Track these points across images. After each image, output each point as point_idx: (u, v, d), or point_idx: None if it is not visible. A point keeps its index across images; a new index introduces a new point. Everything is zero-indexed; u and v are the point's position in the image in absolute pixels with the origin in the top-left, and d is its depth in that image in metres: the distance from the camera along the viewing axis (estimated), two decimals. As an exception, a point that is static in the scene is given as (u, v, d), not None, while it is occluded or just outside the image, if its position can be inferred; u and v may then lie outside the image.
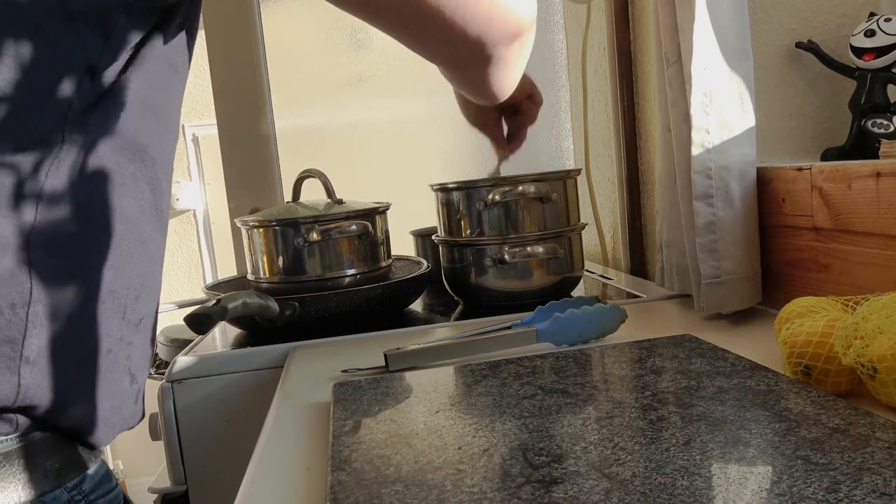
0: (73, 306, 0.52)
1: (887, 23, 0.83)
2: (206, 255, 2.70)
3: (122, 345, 0.57)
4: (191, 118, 2.66)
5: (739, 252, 0.82)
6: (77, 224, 0.53)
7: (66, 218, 0.52)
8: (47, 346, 0.51)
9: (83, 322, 0.53)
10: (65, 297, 0.52)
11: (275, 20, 1.46)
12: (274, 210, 1.02)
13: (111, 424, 0.57)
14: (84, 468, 0.56)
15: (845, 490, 0.37)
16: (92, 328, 0.54)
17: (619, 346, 0.69)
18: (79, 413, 0.54)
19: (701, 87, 0.81)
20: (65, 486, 0.54)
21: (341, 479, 0.45)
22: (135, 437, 0.87)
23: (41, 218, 0.51)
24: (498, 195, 0.96)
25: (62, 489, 0.54)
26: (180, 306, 1.26)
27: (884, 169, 0.67)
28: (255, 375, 0.88)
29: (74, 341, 0.53)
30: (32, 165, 0.50)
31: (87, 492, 0.56)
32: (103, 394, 0.56)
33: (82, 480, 0.56)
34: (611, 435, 0.48)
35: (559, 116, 1.57)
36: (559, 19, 1.57)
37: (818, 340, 0.55)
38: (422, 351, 0.72)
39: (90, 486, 0.56)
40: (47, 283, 0.51)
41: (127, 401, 0.59)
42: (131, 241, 0.57)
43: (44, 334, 0.51)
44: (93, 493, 0.56)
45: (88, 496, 0.56)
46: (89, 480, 0.57)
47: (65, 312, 0.52)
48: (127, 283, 0.57)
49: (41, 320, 0.51)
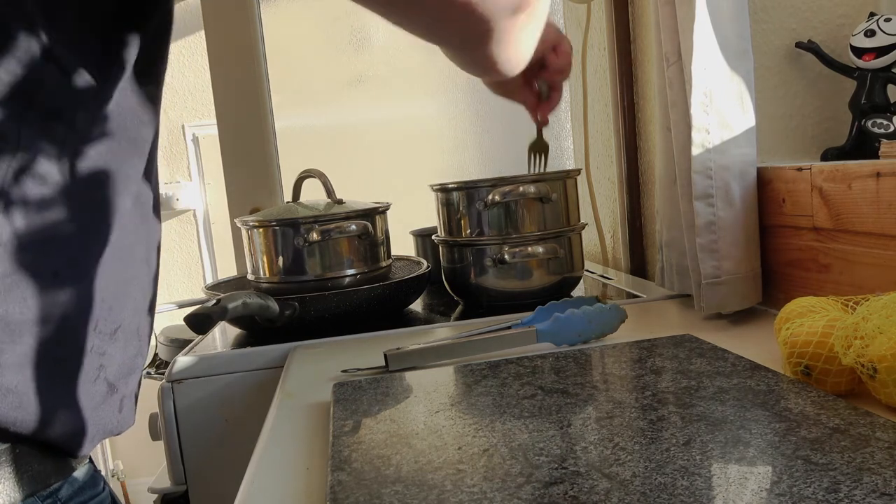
0: (38, 318, 0.50)
1: (887, 23, 0.83)
2: (206, 255, 2.70)
3: (93, 356, 0.55)
4: (191, 118, 2.66)
5: (739, 252, 0.82)
6: (43, 232, 0.50)
7: (31, 226, 0.49)
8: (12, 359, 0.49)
9: (50, 334, 0.51)
10: (29, 309, 0.50)
11: (275, 20, 1.46)
12: (274, 210, 1.02)
13: (90, 434, 0.55)
14: (63, 475, 0.54)
15: (845, 490, 0.37)
16: (59, 339, 0.52)
17: (619, 346, 0.69)
18: (52, 427, 0.52)
19: (701, 87, 0.81)
20: (39, 495, 0.52)
21: (341, 479, 0.45)
22: (135, 437, 0.87)
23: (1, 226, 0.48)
24: (498, 195, 0.96)
25: (35, 497, 0.52)
26: (180, 306, 1.26)
27: (884, 169, 0.67)
28: (255, 375, 0.88)
29: (40, 353, 0.51)
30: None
31: (64, 499, 0.54)
32: (77, 405, 0.54)
33: (59, 487, 0.54)
34: (611, 435, 0.48)
35: (559, 116, 1.57)
36: (559, 19, 1.58)
37: (818, 340, 0.55)
38: (422, 351, 0.72)
39: (69, 493, 0.54)
40: (10, 295, 0.49)
41: (107, 410, 0.57)
42: (107, 248, 0.54)
43: (9, 347, 0.49)
44: (71, 499, 0.54)
45: (66, 503, 0.54)
46: (68, 487, 0.54)
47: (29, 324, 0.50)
48: (100, 293, 0.54)
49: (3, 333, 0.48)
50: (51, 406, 0.52)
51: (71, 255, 0.52)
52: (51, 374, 0.52)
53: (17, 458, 0.51)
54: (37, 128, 0.50)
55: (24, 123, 0.49)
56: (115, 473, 2.60)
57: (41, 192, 0.50)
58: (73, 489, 0.55)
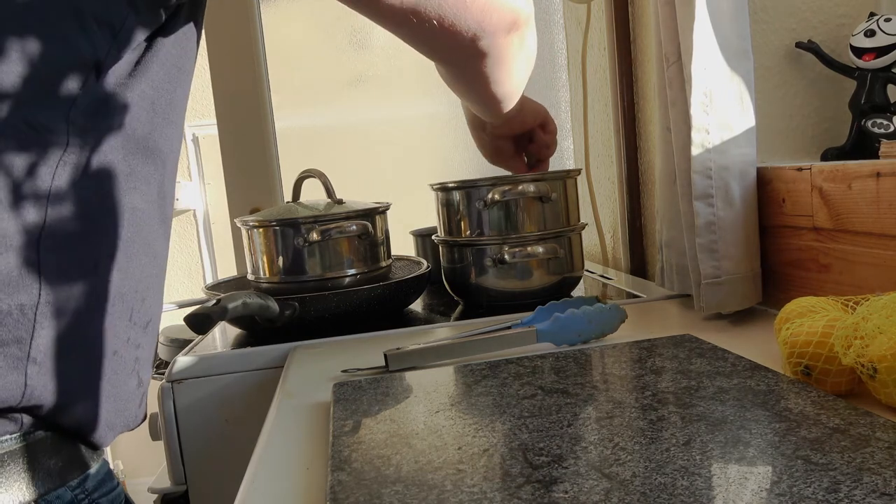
0: (81, 308, 0.52)
1: (887, 23, 0.83)
2: (206, 255, 2.70)
3: (130, 347, 0.57)
4: (191, 118, 2.65)
5: (739, 252, 0.82)
6: (86, 225, 0.52)
7: (76, 218, 0.52)
8: (54, 347, 0.51)
9: (91, 323, 0.53)
10: (73, 299, 0.52)
11: (275, 20, 1.46)
12: (274, 210, 1.02)
13: (113, 426, 0.57)
14: (86, 467, 0.56)
15: (845, 490, 0.37)
16: (99, 329, 0.54)
17: (619, 346, 0.69)
18: (83, 413, 0.54)
19: (701, 87, 0.81)
20: (68, 485, 0.54)
21: (341, 479, 0.45)
22: (135, 437, 0.87)
23: (50, 219, 0.51)
24: (498, 195, 0.96)
25: (65, 488, 0.54)
26: (180, 306, 1.26)
27: (884, 169, 0.67)
28: (255, 375, 0.88)
29: (81, 343, 0.53)
30: (38, 164, 0.50)
31: (90, 490, 0.56)
32: (108, 395, 0.56)
33: (85, 479, 0.56)
34: (611, 435, 0.48)
35: (559, 116, 1.57)
36: (559, 19, 1.58)
37: (818, 340, 0.55)
38: (422, 351, 0.72)
39: (93, 485, 0.56)
40: (56, 284, 0.51)
41: (131, 403, 0.59)
42: (139, 243, 0.57)
43: (51, 335, 0.51)
44: (95, 491, 0.56)
45: (91, 494, 0.56)
46: (92, 479, 0.57)
47: (73, 314, 0.52)
48: (134, 284, 0.57)
49: (49, 321, 0.51)
50: (88, 393, 0.54)
51: (109, 247, 0.54)
52: (92, 362, 0.54)
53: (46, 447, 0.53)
54: (83, 126, 0.52)
55: (71, 123, 0.51)
56: (116, 473, 2.60)
57: (86, 188, 0.52)
58: (96, 481, 0.57)
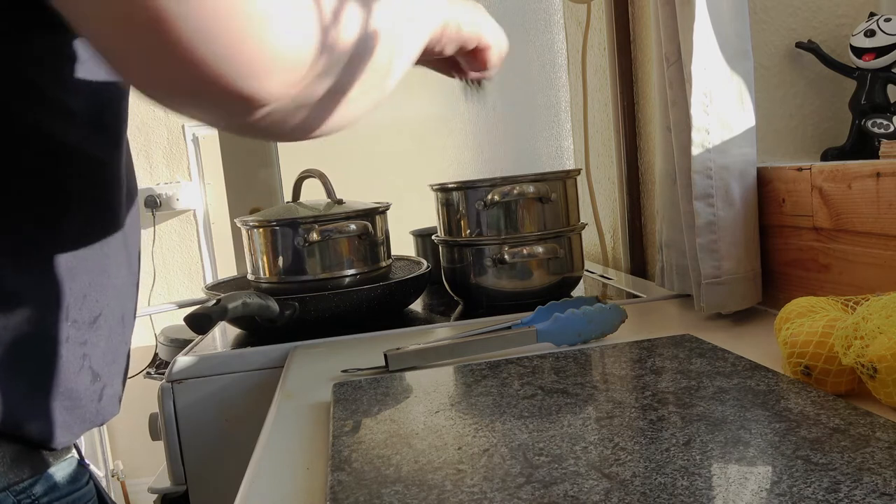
0: (12, 313, 0.50)
1: (887, 23, 0.83)
2: (206, 255, 2.70)
3: (72, 345, 0.54)
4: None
5: (739, 252, 0.82)
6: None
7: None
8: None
9: (25, 328, 0.51)
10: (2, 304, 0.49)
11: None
12: (274, 210, 1.02)
13: (69, 425, 0.54)
14: (38, 470, 0.53)
15: (845, 490, 0.37)
16: (34, 333, 0.51)
17: (619, 346, 0.69)
18: (27, 417, 0.51)
19: (701, 87, 0.81)
20: (11, 490, 0.51)
21: (341, 479, 0.45)
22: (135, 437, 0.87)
23: None
24: (497, 195, 0.96)
25: (7, 492, 0.50)
26: (180, 306, 1.26)
27: (884, 169, 0.67)
28: (255, 375, 0.88)
29: (18, 348, 0.50)
30: None
31: (38, 495, 0.52)
32: (57, 395, 0.53)
33: (34, 483, 0.52)
34: (611, 435, 0.48)
35: (559, 116, 1.57)
36: (559, 19, 1.58)
37: (818, 340, 0.55)
38: (422, 351, 0.72)
39: (44, 489, 0.53)
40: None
41: (87, 401, 0.56)
42: (72, 241, 0.53)
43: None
44: (46, 495, 0.53)
45: (40, 499, 0.52)
46: (44, 482, 0.53)
47: (6, 319, 0.49)
48: (69, 284, 0.53)
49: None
50: (22, 398, 0.51)
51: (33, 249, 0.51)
52: (25, 366, 0.51)
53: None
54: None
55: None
56: (115, 473, 2.59)
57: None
58: (48, 485, 0.54)
